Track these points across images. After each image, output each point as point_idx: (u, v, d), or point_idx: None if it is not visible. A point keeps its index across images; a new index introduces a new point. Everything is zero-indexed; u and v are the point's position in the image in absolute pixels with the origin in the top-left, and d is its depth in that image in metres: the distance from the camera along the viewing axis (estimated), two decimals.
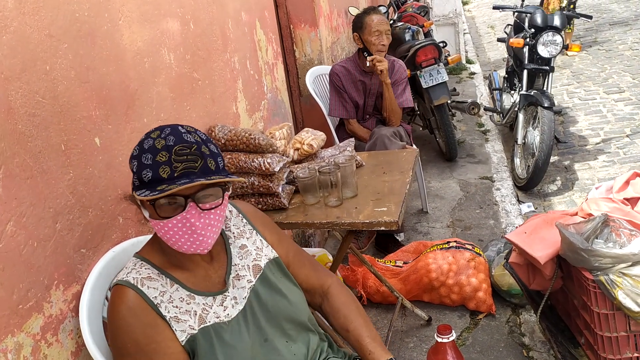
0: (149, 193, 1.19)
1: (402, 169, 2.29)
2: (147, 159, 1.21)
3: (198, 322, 1.28)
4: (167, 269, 1.32)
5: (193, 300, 1.30)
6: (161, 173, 1.20)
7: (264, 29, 2.92)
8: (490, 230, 3.45)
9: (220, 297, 1.34)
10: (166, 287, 1.29)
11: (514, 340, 2.54)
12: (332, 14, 4.55)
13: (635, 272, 1.78)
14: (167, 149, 1.21)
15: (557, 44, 4.09)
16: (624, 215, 2.06)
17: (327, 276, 1.59)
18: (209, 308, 1.31)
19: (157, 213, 1.23)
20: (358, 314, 1.52)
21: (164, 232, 1.25)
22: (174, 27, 2.01)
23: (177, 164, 1.20)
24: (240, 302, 1.36)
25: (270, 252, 1.48)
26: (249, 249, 1.45)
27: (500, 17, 10.97)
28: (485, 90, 6.30)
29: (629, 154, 4.36)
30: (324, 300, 1.56)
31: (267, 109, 2.85)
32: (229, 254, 1.42)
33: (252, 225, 1.50)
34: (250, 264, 1.42)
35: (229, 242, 1.44)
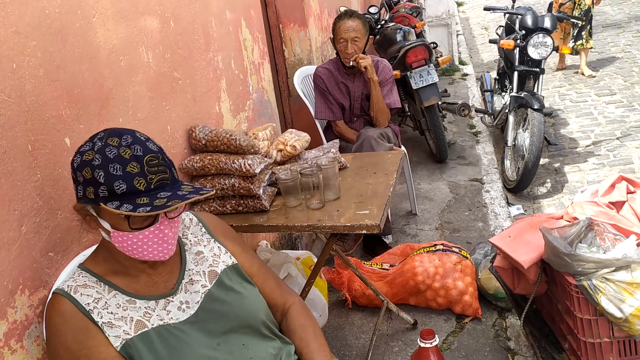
0: (132, 208, 1.17)
1: (386, 171, 2.26)
2: (115, 169, 1.18)
3: (135, 328, 1.27)
4: (107, 276, 1.31)
5: (133, 305, 1.29)
6: (137, 185, 1.19)
7: (250, 28, 2.88)
8: (479, 232, 3.43)
9: (164, 301, 1.33)
10: (102, 294, 1.28)
11: (499, 345, 2.52)
12: (322, 14, 4.52)
13: (619, 278, 1.76)
14: (136, 159, 1.20)
15: (548, 45, 4.07)
16: (609, 219, 2.03)
17: (290, 295, 1.59)
18: (152, 311, 1.30)
19: (129, 225, 1.22)
20: (314, 337, 1.51)
21: (130, 244, 1.24)
22: (152, 25, 1.97)
23: (152, 176, 1.21)
24: (192, 306, 1.36)
25: (229, 258, 1.47)
26: (205, 255, 1.45)
27: (495, 19, 10.96)
28: (477, 92, 6.28)
29: (619, 157, 4.34)
30: (283, 319, 1.55)
31: (252, 109, 2.81)
32: (183, 260, 1.42)
33: (212, 234, 1.50)
34: (206, 270, 1.42)
35: (184, 248, 1.44)
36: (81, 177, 1.21)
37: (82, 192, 1.22)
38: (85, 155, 1.21)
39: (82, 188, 1.22)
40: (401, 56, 4.25)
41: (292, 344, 1.49)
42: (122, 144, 1.21)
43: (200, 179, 2.10)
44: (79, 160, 1.21)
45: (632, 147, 4.45)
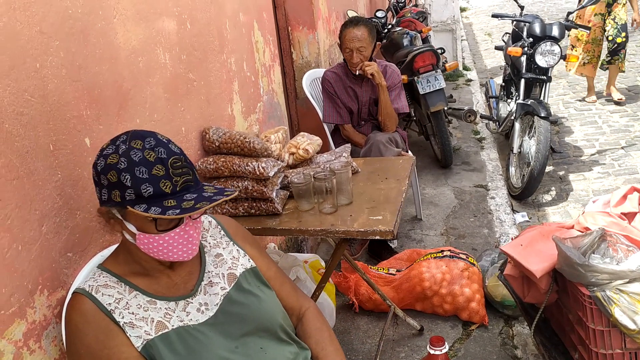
0: (161, 211, 1.17)
1: (398, 176, 2.26)
2: (141, 172, 1.19)
3: (156, 329, 1.26)
4: (128, 277, 1.32)
5: (154, 305, 1.30)
6: (163, 188, 1.19)
7: (262, 31, 2.88)
8: (484, 239, 3.43)
9: (183, 303, 1.33)
10: (123, 294, 1.28)
11: (506, 353, 2.52)
12: (330, 17, 4.53)
13: (633, 289, 1.75)
14: (161, 162, 1.20)
15: (556, 54, 4.08)
16: (621, 230, 2.03)
17: (305, 300, 1.60)
18: (172, 312, 1.31)
19: (156, 227, 1.23)
20: (330, 342, 1.52)
21: (156, 245, 1.24)
22: (170, 27, 1.97)
23: (177, 178, 1.21)
24: (211, 308, 1.36)
25: (248, 262, 1.48)
26: (224, 258, 1.45)
27: (498, 25, 10.99)
28: (481, 98, 6.29)
29: (624, 166, 4.35)
30: (299, 323, 1.56)
31: (262, 111, 2.81)
32: (203, 262, 1.43)
33: (230, 237, 1.51)
34: (225, 272, 1.43)
35: (204, 250, 1.45)
36: (105, 181, 1.21)
37: (107, 195, 1.22)
38: (109, 159, 1.20)
39: (106, 191, 1.21)
40: (409, 61, 4.25)
41: (309, 350, 1.49)
42: (146, 146, 1.21)
43: (213, 181, 2.09)
44: (103, 164, 1.21)
45: (637, 157, 4.46)
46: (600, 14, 5.49)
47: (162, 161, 1.20)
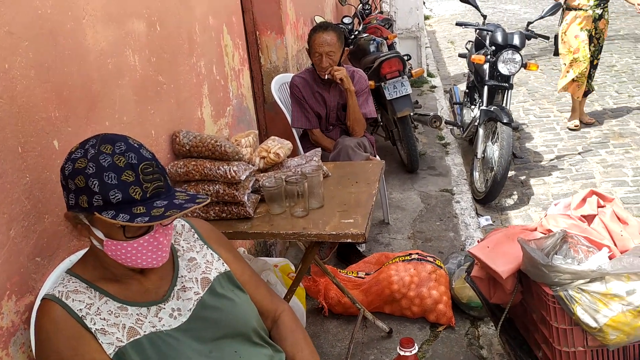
0: (129, 218, 1.15)
1: (368, 180, 2.29)
2: (110, 178, 1.16)
3: (127, 335, 1.25)
4: (98, 282, 1.29)
5: (125, 311, 1.28)
6: (132, 194, 1.17)
7: (231, 34, 2.88)
8: (450, 242, 3.49)
9: (155, 308, 1.32)
10: (94, 299, 1.26)
11: (472, 353, 2.57)
12: (298, 22, 4.54)
13: (593, 289, 1.82)
14: (131, 167, 1.18)
15: (517, 62, 4.19)
16: (581, 232, 2.10)
17: (281, 302, 1.61)
18: (144, 318, 1.29)
19: (125, 234, 1.21)
20: (305, 344, 1.53)
21: (124, 252, 1.22)
22: (139, 28, 1.95)
23: (147, 184, 1.19)
24: (184, 313, 1.35)
25: (222, 265, 1.47)
26: (198, 262, 1.44)
27: (460, 33, 11.22)
28: (445, 104, 6.40)
29: (581, 171, 4.50)
30: (274, 326, 1.56)
31: (232, 115, 2.80)
32: (176, 266, 1.41)
33: (204, 241, 1.50)
34: (199, 277, 1.41)
35: (177, 254, 1.43)
36: (73, 185, 1.18)
37: (74, 200, 1.19)
38: (77, 163, 1.18)
39: (74, 196, 1.19)
40: (376, 67, 4.31)
41: (283, 352, 1.49)
42: (116, 151, 1.19)
43: (183, 185, 2.08)
44: (71, 168, 1.19)
45: (593, 162, 4.62)
46: (587, 29, 5.08)
47: (132, 167, 1.18)
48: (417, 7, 7.45)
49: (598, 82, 6.80)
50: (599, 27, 5.11)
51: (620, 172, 4.37)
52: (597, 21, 5.08)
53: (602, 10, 5.05)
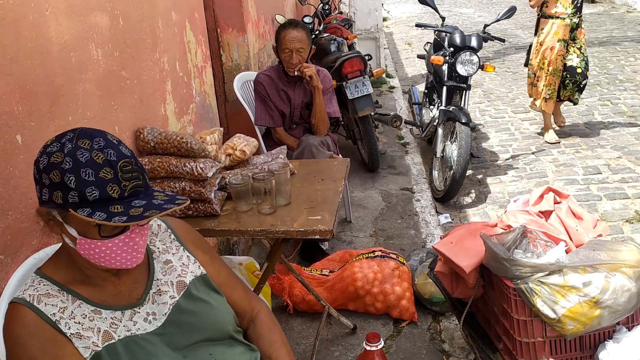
0: (106, 217, 1.11)
1: (334, 178, 2.31)
2: (87, 174, 1.12)
3: (102, 339, 1.22)
4: (70, 285, 1.25)
5: (99, 315, 1.25)
6: (110, 192, 1.14)
7: (194, 31, 2.85)
8: (412, 240, 3.55)
9: (130, 312, 1.29)
10: (67, 303, 1.22)
11: (435, 347, 2.62)
12: (259, 21, 4.53)
13: (552, 281, 1.89)
14: (110, 164, 1.15)
15: (474, 63, 4.29)
16: (540, 227, 2.18)
17: (257, 302, 1.60)
18: (118, 322, 1.26)
19: (99, 233, 1.17)
20: (282, 344, 1.53)
21: (97, 252, 1.19)
22: (102, 22, 1.91)
23: (126, 182, 1.16)
24: (159, 317, 1.32)
25: (198, 268, 1.44)
26: (173, 265, 1.41)
27: (417, 35, 11.41)
28: (404, 104, 6.50)
29: (535, 170, 4.65)
30: (250, 325, 1.55)
31: (195, 112, 2.77)
32: (151, 269, 1.38)
33: (181, 242, 1.46)
34: (175, 280, 1.39)
35: (152, 256, 1.40)
36: (47, 180, 1.14)
37: (48, 195, 1.15)
38: (53, 157, 1.14)
39: (47, 191, 1.15)
40: (337, 66, 4.34)
41: (258, 351, 1.48)
42: (94, 147, 1.15)
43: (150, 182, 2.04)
44: (46, 162, 1.14)
45: (546, 162, 4.78)
46: (564, 40, 4.80)
47: (111, 164, 1.15)
48: (376, 8, 7.54)
49: None
50: (577, 36, 4.83)
51: (571, 171, 4.54)
52: (574, 30, 4.80)
53: (578, 19, 4.80)
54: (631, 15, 11.66)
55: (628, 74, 7.19)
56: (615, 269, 1.88)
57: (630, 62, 7.75)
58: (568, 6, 4.71)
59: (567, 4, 4.71)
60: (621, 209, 3.82)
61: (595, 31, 10.21)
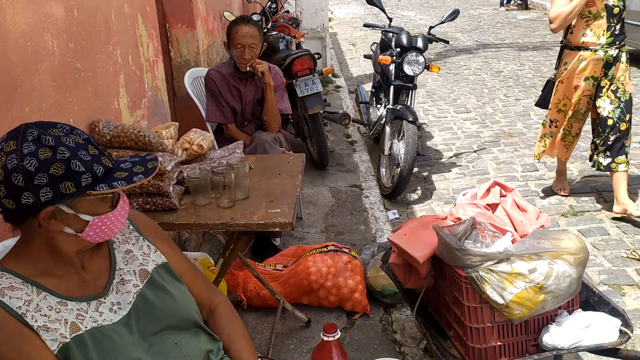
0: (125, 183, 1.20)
1: (291, 172, 2.34)
2: (84, 155, 1.18)
3: (70, 331, 1.22)
4: (34, 277, 1.24)
5: (65, 307, 1.24)
6: (106, 164, 1.21)
7: (146, 25, 2.81)
8: (362, 235, 3.63)
9: (95, 303, 1.29)
10: (32, 295, 1.21)
11: (387, 337, 2.70)
12: (208, 17, 4.50)
13: (501, 269, 2.00)
14: (88, 141, 1.21)
15: (420, 63, 4.43)
16: (487, 219, 2.29)
17: (217, 294, 1.62)
18: (84, 313, 1.26)
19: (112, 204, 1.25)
20: (242, 335, 1.56)
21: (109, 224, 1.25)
22: (57, 12, 1.87)
23: (107, 152, 1.25)
24: (124, 307, 1.33)
25: (159, 257, 1.45)
26: (135, 254, 1.42)
27: (361, 36, 11.60)
28: (350, 103, 6.61)
29: (477, 167, 4.85)
30: (210, 317, 1.57)
31: (147, 107, 2.74)
32: (112, 259, 1.38)
33: (140, 232, 1.47)
34: (137, 269, 1.39)
35: (113, 247, 1.40)
36: (45, 178, 1.13)
37: (52, 192, 1.14)
38: (41, 154, 1.13)
39: (49, 189, 1.14)
40: (287, 64, 4.37)
41: (221, 341, 1.50)
42: (69, 132, 1.19)
43: None
44: (36, 162, 1.12)
45: (487, 159, 4.99)
46: (593, 77, 3.54)
47: (89, 140, 1.22)
48: (322, 8, 7.62)
49: (488, 86, 7.35)
50: (614, 74, 3.52)
51: (510, 168, 4.76)
52: (610, 66, 3.51)
53: (617, 51, 3.50)
54: None
55: None
56: (557, 256, 2.01)
57: None
58: (602, 34, 3.45)
59: (601, 31, 3.45)
60: (557, 204, 4.04)
61: (529, 36, 10.71)
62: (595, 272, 3.20)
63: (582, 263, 2.04)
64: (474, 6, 15.55)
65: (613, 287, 3.06)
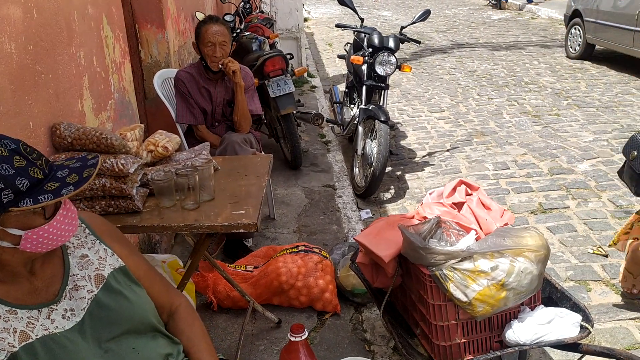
0: (53, 195, 1.13)
1: (257, 173, 2.34)
2: (5, 169, 1.12)
3: (19, 340, 1.20)
4: None
5: (14, 315, 1.22)
6: (35, 175, 1.15)
7: (111, 26, 2.78)
8: (334, 235, 3.64)
9: (47, 310, 1.27)
10: None
11: (357, 337, 2.72)
12: (179, 17, 4.47)
13: (464, 267, 2.02)
14: (15, 152, 1.15)
15: (392, 63, 4.45)
16: (453, 217, 2.32)
17: (177, 296, 1.61)
18: (35, 321, 1.24)
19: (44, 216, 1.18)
20: (202, 337, 1.55)
21: (47, 236, 1.19)
22: (15, 14, 1.84)
23: (39, 161, 1.18)
24: (77, 313, 1.31)
25: (116, 261, 1.43)
26: (90, 259, 1.40)
27: (337, 36, 11.62)
28: (325, 103, 6.62)
29: (450, 166, 4.89)
30: (170, 320, 1.56)
31: (114, 109, 2.71)
32: (66, 264, 1.36)
33: (97, 236, 1.45)
34: (92, 274, 1.38)
35: (67, 252, 1.38)
36: None
37: None
38: None
39: None
40: (259, 65, 4.36)
41: (181, 344, 1.50)
42: None
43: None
44: None
45: (460, 158, 5.04)
46: None
47: (16, 151, 1.15)
48: (297, 8, 7.62)
49: (462, 86, 7.42)
50: None
51: (482, 166, 4.81)
52: None
53: None
54: (535, 21, 12.47)
55: (532, 76, 7.70)
56: (519, 253, 2.04)
57: (534, 65, 8.30)
58: None
59: None
60: (527, 202, 4.10)
61: (503, 36, 10.84)
62: (562, 268, 3.26)
63: (543, 260, 2.08)
64: (449, 6, 15.70)
65: (579, 282, 3.12)
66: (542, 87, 7.13)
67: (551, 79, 7.51)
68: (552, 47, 9.50)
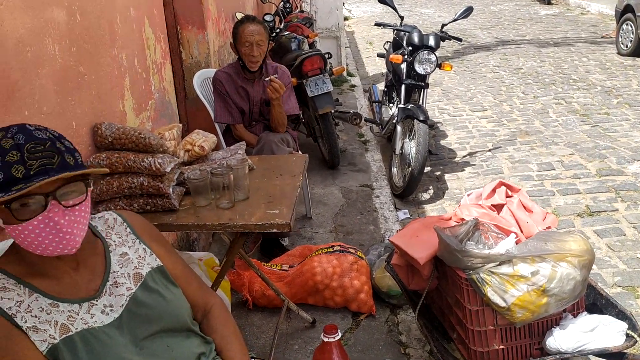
0: (3, 195, 1.13)
1: (292, 173, 2.34)
2: None
3: (60, 332, 1.23)
4: (27, 278, 1.26)
5: (56, 308, 1.26)
6: (15, 173, 1.15)
7: (153, 27, 2.84)
8: (371, 235, 3.62)
9: (87, 304, 1.30)
10: (23, 296, 1.23)
11: (392, 339, 2.69)
12: (220, 18, 4.52)
13: (502, 271, 1.97)
14: (17, 147, 1.17)
15: (432, 62, 4.38)
16: (491, 220, 2.27)
17: (212, 296, 1.62)
18: (76, 315, 1.27)
19: (15, 217, 1.17)
20: (235, 338, 1.56)
21: (23, 237, 1.19)
22: (59, 17, 1.90)
23: (32, 162, 1.17)
24: (116, 309, 1.34)
25: (154, 260, 1.47)
26: (130, 257, 1.43)
27: (378, 35, 11.54)
28: (365, 102, 6.59)
29: (491, 167, 4.79)
30: (204, 319, 1.58)
31: (154, 109, 2.76)
32: (108, 261, 1.39)
33: (137, 235, 1.48)
34: (131, 272, 1.41)
35: (109, 249, 1.41)
36: None
37: None
38: None
39: None
40: (298, 64, 4.37)
41: (213, 343, 1.51)
42: (7, 135, 1.18)
43: (107, 177, 2.04)
44: None
45: (502, 158, 4.92)
46: None
47: (18, 147, 1.16)
48: (337, 7, 7.60)
49: (506, 84, 7.26)
50: None
51: (526, 167, 4.69)
52: None
53: None
54: (585, 17, 12.08)
55: (581, 73, 7.46)
56: (561, 258, 1.97)
57: (583, 62, 8.04)
58: None
59: None
60: (573, 204, 3.98)
61: (551, 32, 10.54)
62: (610, 273, 3.14)
63: (588, 265, 2.01)
64: (494, 2, 15.38)
65: (627, 289, 3.01)
66: (591, 85, 6.90)
67: (601, 76, 7.26)
68: (602, 44, 9.18)
